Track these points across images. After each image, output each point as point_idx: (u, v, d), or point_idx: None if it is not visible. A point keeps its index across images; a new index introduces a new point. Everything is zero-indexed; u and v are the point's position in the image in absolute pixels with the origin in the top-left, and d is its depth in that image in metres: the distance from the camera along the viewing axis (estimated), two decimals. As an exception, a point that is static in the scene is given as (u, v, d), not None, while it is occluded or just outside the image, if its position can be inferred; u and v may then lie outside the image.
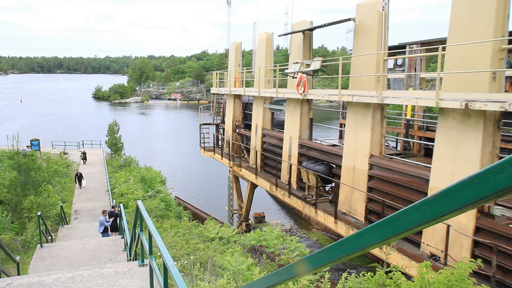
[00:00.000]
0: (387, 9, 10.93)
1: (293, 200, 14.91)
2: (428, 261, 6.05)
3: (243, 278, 7.72)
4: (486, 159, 8.51)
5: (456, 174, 8.96)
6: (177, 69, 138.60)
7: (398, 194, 10.81)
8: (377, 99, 10.68)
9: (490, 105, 7.82)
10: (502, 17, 8.02)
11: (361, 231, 1.27)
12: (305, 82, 13.99)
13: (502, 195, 0.86)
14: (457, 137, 8.92)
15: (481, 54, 8.20)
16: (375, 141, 11.62)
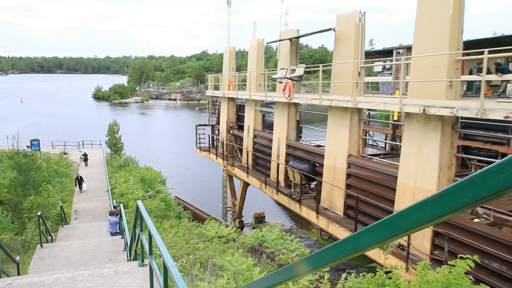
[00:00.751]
0: (364, 20, 12.06)
1: (280, 197, 15.96)
2: (427, 261, 6.07)
3: (243, 278, 7.73)
4: (444, 158, 9.56)
5: (419, 172, 9.91)
6: (177, 69, 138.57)
7: (372, 190, 11.78)
8: (352, 103, 11.77)
9: (442, 111, 8.84)
10: (457, 33, 9.07)
11: (361, 231, 1.27)
12: (290, 87, 14.99)
13: (502, 195, 0.86)
14: (420, 138, 9.89)
15: (438, 65, 9.21)
16: (353, 141, 12.71)
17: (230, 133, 22.35)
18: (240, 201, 21.72)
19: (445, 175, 9.65)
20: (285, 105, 16.30)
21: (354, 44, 12.22)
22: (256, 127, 19.41)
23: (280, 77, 15.60)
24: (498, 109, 8.02)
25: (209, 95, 24.99)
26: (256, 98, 18.45)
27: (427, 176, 9.76)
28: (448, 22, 9.01)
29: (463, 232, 8.90)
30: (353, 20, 12.20)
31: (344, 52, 12.63)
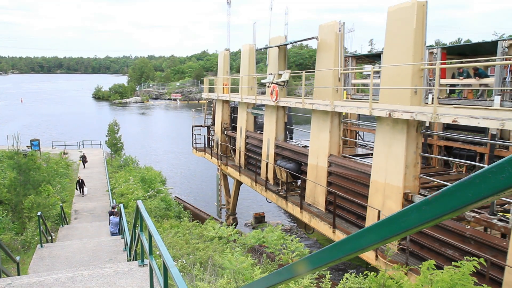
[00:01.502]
0: (343, 30, 13.17)
1: (269, 194, 17.06)
2: (432, 260, 6.07)
3: (243, 278, 7.72)
4: (410, 157, 10.54)
5: (388, 170, 10.91)
6: (177, 69, 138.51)
7: (349, 187, 12.83)
8: (330, 107, 12.92)
9: (404, 115, 9.97)
10: (420, 44, 10.12)
11: (361, 231, 1.27)
12: (277, 91, 16.10)
13: (502, 195, 0.86)
14: (389, 139, 10.88)
15: (404, 73, 10.20)
16: (334, 142, 13.81)
17: (224, 134, 23.24)
18: (233, 199, 22.66)
19: (411, 173, 10.58)
20: (273, 108, 17.25)
21: (334, 51, 13.27)
22: (248, 128, 20.42)
23: (268, 81, 16.62)
24: (448, 114, 9.08)
25: (204, 97, 25.85)
26: (247, 101, 19.41)
27: (395, 173, 10.70)
28: (412, 35, 10.01)
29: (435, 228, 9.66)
30: (333, 30, 13.26)
31: (326, 59, 13.67)
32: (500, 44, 12.32)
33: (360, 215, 12.26)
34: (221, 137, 23.21)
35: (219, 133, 23.41)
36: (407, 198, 10.56)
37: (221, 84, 22.83)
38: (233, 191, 22.65)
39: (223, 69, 23.18)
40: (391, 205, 10.82)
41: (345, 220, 12.95)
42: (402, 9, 10.37)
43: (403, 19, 10.30)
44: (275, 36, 17.31)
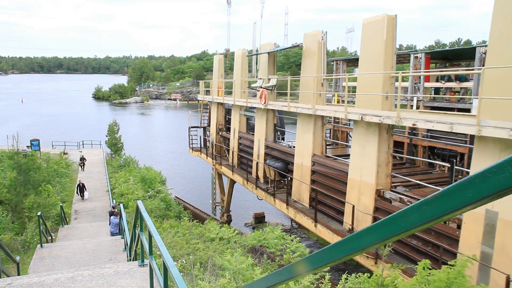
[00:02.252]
0: (325, 39, 14.23)
1: (259, 191, 18.07)
2: (427, 260, 6.08)
3: (243, 278, 7.72)
4: (382, 157, 11.47)
5: (363, 168, 11.83)
6: (177, 69, 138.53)
7: (330, 184, 13.82)
8: (311, 111, 13.92)
9: (374, 118, 10.93)
10: (390, 54, 11.05)
11: (361, 231, 1.27)
12: (265, 95, 17.07)
13: (502, 195, 0.86)
14: (363, 140, 11.79)
15: (376, 80, 11.17)
16: (317, 143, 14.78)
17: (219, 134, 24.21)
18: (227, 197, 23.58)
19: (383, 171, 11.51)
20: (263, 110, 18.14)
21: (317, 58, 14.24)
22: (241, 129, 21.34)
23: (258, 86, 17.64)
24: (409, 118, 10.04)
25: (200, 99, 26.91)
26: (239, 103, 20.41)
27: (369, 171, 11.63)
28: (383, 45, 10.94)
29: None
30: (316, 39, 14.29)
31: (309, 65, 14.65)
32: (478, 50, 12.92)
33: (339, 211, 13.11)
34: (216, 138, 24.14)
35: (214, 134, 24.37)
36: (380, 194, 11.51)
37: (216, 87, 23.77)
38: (227, 190, 23.51)
39: (218, 73, 24.13)
40: (365, 201, 11.75)
41: (326, 215, 13.84)
42: (374, 22, 11.29)
43: (375, 31, 11.25)
44: (265, 42, 18.47)
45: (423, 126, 9.82)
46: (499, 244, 8.00)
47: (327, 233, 12.89)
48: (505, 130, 7.62)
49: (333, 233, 12.59)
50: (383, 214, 11.06)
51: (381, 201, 11.47)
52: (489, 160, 8.33)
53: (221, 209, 24.60)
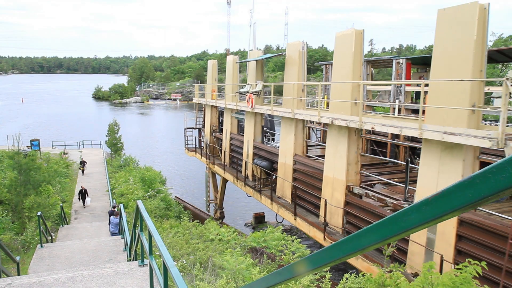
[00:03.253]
0: (306, 48, 15.53)
1: (247, 189, 19.20)
2: (433, 262, 6.06)
3: (243, 278, 7.72)
4: (352, 157, 12.69)
5: (336, 166, 13.08)
6: (177, 69, 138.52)
7: (308, 181, 15.02)
8: (291, 114, 15.25)
9: (341, 122, 12.18)
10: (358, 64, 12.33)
11: (361, 231, 1.27)
12: (252, 99, 18.30)
13: (502, 195, 0.86)
14: (336, 142, 13.00)
15: (346, 87, 12.47)
16: (298, 144, 16.02)
17: (213, 135, 25.45)
18: (220, 195, 24.81)
19: (353, 169, 12.76)
20: (251, 113, 19.32)
21: (298, 66, 15.53)
22: (232, 130, 22.53)
23: (246, 91, 18.93)
24: (368, 122, 11.30)
25: (195, 101, 28.15)
26: (230, 107, 21.65)
27: (340, 169, 12.87)
28: (352, 57, 12.15)
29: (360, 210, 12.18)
30: (297, 48, 15.53)
31: (292, 72, 15.91)
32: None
33: (316, 205, 14.21)
34: (210, 139, 25.40)
35: (208, 135, 25.60)
36: (349, 189, 12.73)
37: (210, 90, 24.87)
38: (220, 188, 24.73)
39: (211, 77, 25.40)
40: (337, 196, 12.97)
41: (305, 210, 15.07)
42: (344, 35, 12.55)
43: (345, 44, 12.47)
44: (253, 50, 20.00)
45: (380, 129, 11.10)
46: (440, 231, 9.39)
47: (305, 225, 14.20)
48: (439, 134, 9.04)
49: (310, 225, 13.89)
50: (352, 208, 12.51)
51: (351, 196, 12.72)
52: (433, 158, 9.60)
53: (214, 206, 25.78)
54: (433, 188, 9.52)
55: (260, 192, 17.69)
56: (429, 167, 9.68)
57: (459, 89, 8.83)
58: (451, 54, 9.11)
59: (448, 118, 9.06)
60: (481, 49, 8.74)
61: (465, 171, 8.97)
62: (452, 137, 8.69)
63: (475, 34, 8.61)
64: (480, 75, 8.82)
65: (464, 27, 8.83)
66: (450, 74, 9.13)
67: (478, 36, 8.65)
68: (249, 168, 19.56)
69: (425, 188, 9.75)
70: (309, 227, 13.84)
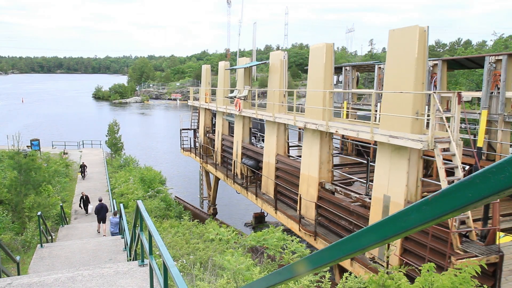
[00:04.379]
0: (286, 57, 17.00)
1: (236, 186, 20.54)
2: (432, 263, 6.06)
3: (243, 278, 7.71)
4: (324, 156, 14.06)
5: (310, 165, 14.35)
6: (177, 69, 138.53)
7: (288, 178, 16.33)
8: (272, 118, 16.67)
9: (313, 126, 13.64)
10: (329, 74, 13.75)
11: (361, 231, 1.27)
12: (240, 104, 19.72)
13: (502, 195, 0.86)
14: (310, 143, 14.36)
15: (317, 95, 13.90)
16: (280, 144, 17.36)
17: (206, 136, 26.80)
18: (213, 192, 26.25)
19: (325, 167, 14.12)
20: (240, 116, 20.57)
21: (280, 74, 16.90)
22: (224, 132, 23.79)
23: (234, 96, 20.43)
24: (333, 126, 12.79)
25: (190, 104, 29.63)
26: (221, 110, 22.96)
27: (313, 168, 14.21)
28: (323, 68, 13.64)
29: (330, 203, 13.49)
30: (279, 57, 16.91)
31: (274, 79, 17.26)
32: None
33: (295, 200, 15.45)
34: (204, 139, 26.78)
35: (202, 136, 26.98)
36: (322, 186, 14.04)
37: (204, 94, 26.25)
38: (213, 185, 26.30)
39: (205, 81, 26.63)
40: (311, 191, 14.23)
41: (285, 204, 16.40)
42: (317, 48, 13.97)
43: (317, 56, 13.88)
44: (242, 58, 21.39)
45: (342, 132, 12.72)
46: None
47: (284, 218, 15.64)
48: (386, 137, 10.48)
49: (288, 218, 15.32)
50: (324, 202, 13.77)
51: (323, 191, 13.98)
52: (385, 157, 10.95)
53: (208, 203, 27.09)
54: (385, 183, 10.97)
55: (247, 189, 19.10)
56: (383, 165, 11.04)
57: (404, 99, 10.18)
58: (398, 68, 10.49)
59: (396, 124, 10.44)
60: (422, 65, 10.11)
61: (410, 168, 10.36)
62: (395, 140, 10.21)
63: (416, 52, 10.00)
64: (422, 87, 10.13)
65: (408, 47, 10.24)
66: (397, 86, 10.48)
67: (419, 54, 10.03)
68: (238, 167, 20.90)
69: (380, 183, 11.15)
70: (287, 220, 15.31)
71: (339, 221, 12.88)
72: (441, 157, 9.43)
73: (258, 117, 18.21)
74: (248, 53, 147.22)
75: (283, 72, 16.85)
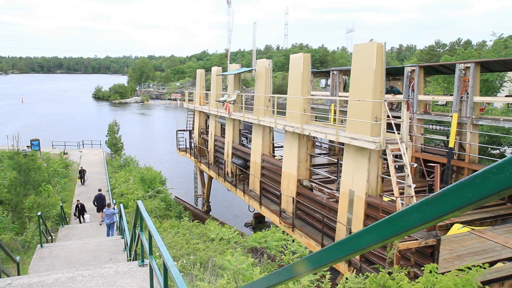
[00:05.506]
0: (271, 65, 18.36)
1: (226, 183, 21.91)
2: (435, 264, 6.06)
3: (243, 278, 7.71)
4: (302, 156, 15.37)
5: (290, 164, 15.76)
6: (177, 69, 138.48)
7: (272, 176, 17.77)
8: (257, 121, 18.23)
9: (290, 128, 15.36)
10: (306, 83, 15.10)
11: (361, 231, 1.27)
12: (229, 107, 21.16)
13: (502, 195, 0.86)
14: (290, 144, 15.74)
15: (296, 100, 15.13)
16: (265, 145, 18.73)
17: (201, 137, 28.20)
18: (207, 190, 27.74)
19: (303, 166, 15.43)
20: (230, 119, 21.87)
21: (265, 80, 18.24)
22: (216, 133, 25.11)
23: (224, 100, 21.78)
24: (307, 129, 14.35)
25: (185, 107, 31.15)
26: (213, 112, 24.34)
27: (293, 166, 15.56)
28: (301, 76, 14.92)
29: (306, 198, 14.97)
30: (264, 65, 18.32)
31: (260, 84, 18.62)
32: (406, 69, 17.86)
33: (278, 196, 16.60)
34: (198, 140, 28.24)
35: (197, 137, 28.43)
36: (300, 182, 15.35)
37: (198, 97, 27.78)
38: (206, 184, 27.85)
39: (199, 85, 28.19)
40: (291, 187, 15.61)
41: (269, 200, 17.67)
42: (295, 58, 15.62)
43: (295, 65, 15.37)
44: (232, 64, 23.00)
45: (314, 135, 14.17)
46: (355, 212, 12.03)
47: (267, 212, 17.05)
48: (348, 139, 11.99)
49: (270, 212, 16.72)
50: (301, 197, 15.15)
51: (301, 187, 15.26)
52: (350, 157, 12.30)
53: (202, 200, 28.50)
54: (351, 179, 12.39)
55: (236, 186, 20.53)
56: (348, 163, 12.41)
57: (365, 106, 11.53)
58: (360, 79, 11.75)
59: (359, 127, 11.77)
60: (380, 76, 11.40)
61: (370, 166, 11.67)
62: (355, 141, 11.67)
63: (374, 65, 11.32)
64: (380, 96, 11.42)
65: (367, 60, 11.52)
66: (359, 94, 11.77)
67: (377, 66, 11.33)
68: (229, 166, 22.27)
69: (346, 179, 12.52)
70: (270, 214, 16.76)
71: (314, 214, 14.31)
72: (391, 156, 10.88)
73: (245, 120, 19.63)
74: (248, 53, 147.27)
75: (268, 79, 18.28)
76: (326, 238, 12.87)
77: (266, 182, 17.92)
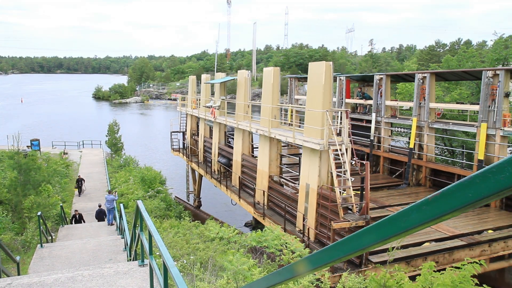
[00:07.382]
0: (249, 76, 20.94)
1: (213, 180, 24.20)
2: (432, 262, 6.07)
3: (244, 278, 7.71)
4: (273, 155, 17.68)
5: (263, 162, 18.01)
6: (177, 69, 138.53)
7: (250, 173, 19.95)
8: (236, 125, 20.60)
9: (260, 131, 18.02)
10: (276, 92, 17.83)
11: (361, 231, 1.27)
12: (214, 112, 23.52)
13: (502, 195, 0.86)
14: (263, 144, 18.02)
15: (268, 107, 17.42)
16: (245, 146, 20.99)
17: (192, 138, 30.41)
18: (197, 186, 29.90)
19: (274, 164, 17.73)
20: (216, 122, 24.17)
21: (244, 89, 20.80)
22: (206, 135, 27.51)
23: (210, 105, 24.14)
24: (274, 132, 16.71)
25: (178, 110, 33.40)
26: (202, 116, 26.84)
27: (265, 164, 17.86)
28: (271, 87, 17.63)
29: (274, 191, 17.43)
30: (244, 75, 20.85)
31: (240, 93, 21.14)
32: (375, 77, 20.73)
33: (254, 190, 18.58)
34: (190, 141, 30.46)
35: (189, 138, 30.65)
36: (271, 178, 17.60)
37: (190, 101, 30.05)
38: (197, 181, 30.05)
39: (191, 90, 30.63)
40: (264, 182, 17.80)
41: (248, 194, 19.82)
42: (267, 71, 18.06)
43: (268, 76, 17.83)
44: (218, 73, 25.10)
45: (278, 137, 16.70)
46: (310, 202, 14.19)
47: (245, 204, 19.22)
48: (301, 141, 14.48)
49: (247, 204, 18.92)
50: (272, 191, 17.50)
51: (272, 182, 17.57)
52: (307, 156, 14.52)
53: (193, 196, 30.48)
54: (307, 174, 14.53)
55: (220, 182, 22.72)
56: (305, 161, 14.61)
57: (316, 114, 13.87)
58: (313, 92, 14.16)
59: (313, 131, 14.08)
60: (328, 90, 13.81)
61: (321, 164, 13.76)
62: (306, 143, 14.12)
63: (323, 81, 13.68)
64: (329, 106, 13.84)
65: (318, 76, 13.92)
66: (312, 104, 14.16)
67: (325, 82, 13.72)
68: (215, 164, 24.60)
69: (304, 175, 14.72)
70: (247, 205, 18.94)
71: (281, 204, 16.57)
72: (332, 155, 13.31)
73: (228, 123, 22.22)
74: (248, 53, 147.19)
75: (247, 88, 20.71)
76: (288, 223, 15.42)
77: (245, 178, 20.27)
